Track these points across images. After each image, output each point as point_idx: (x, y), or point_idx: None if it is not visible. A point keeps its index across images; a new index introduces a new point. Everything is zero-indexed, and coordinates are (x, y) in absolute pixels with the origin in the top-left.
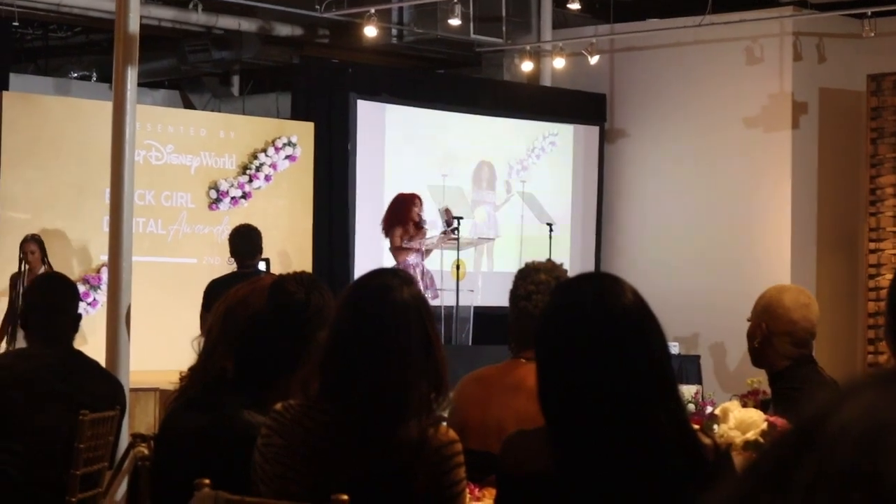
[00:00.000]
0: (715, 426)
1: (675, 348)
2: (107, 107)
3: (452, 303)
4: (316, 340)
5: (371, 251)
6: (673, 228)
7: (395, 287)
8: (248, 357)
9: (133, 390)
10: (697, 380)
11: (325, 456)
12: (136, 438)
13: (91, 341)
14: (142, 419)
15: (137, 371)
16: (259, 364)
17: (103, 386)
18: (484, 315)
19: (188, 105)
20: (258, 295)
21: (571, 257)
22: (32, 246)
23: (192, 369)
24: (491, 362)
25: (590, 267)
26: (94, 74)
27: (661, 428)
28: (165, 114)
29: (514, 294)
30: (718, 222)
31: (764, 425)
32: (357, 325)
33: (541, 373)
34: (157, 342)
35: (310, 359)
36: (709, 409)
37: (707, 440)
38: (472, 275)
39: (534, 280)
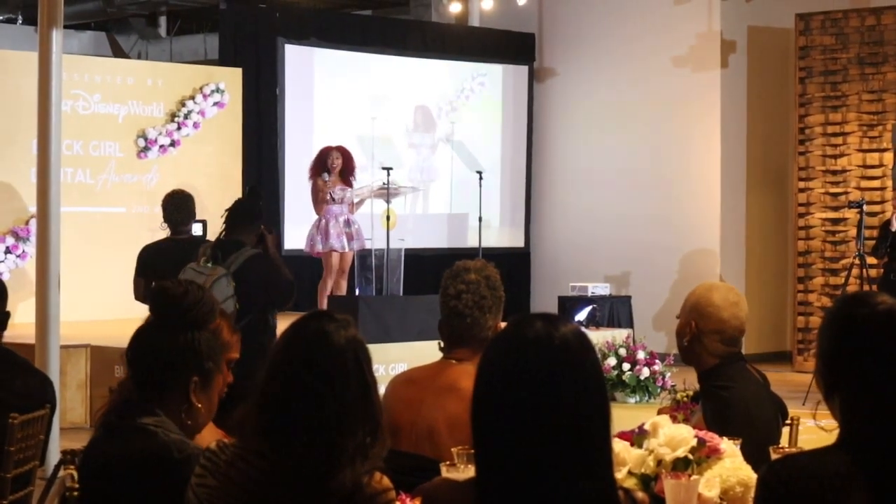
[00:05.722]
0: (645, 442)
1: (606, 289)
2: (33, 57)
3: (383, 253)
4: (206, 336)
5: (301, 198)
6: (602, 168)
7: (331, 332)
8: (140, 366)
9: (64, 347)
10: (629, 322)
11: (259, 500)
12: (66, 455)
13: (21, 294)
14: (73, 376)
15: (67, 322)
16: (149, 370)
17: (32, 384)
18: (416, 258)
19: (115, 47)
20: None
21: (502, 201)
22: None
23: (110, 392)
24: (422, 315)
25: (520, 211)
26: (20, 17)
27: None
28: (93, 63)
29: (444, 293)
30: (648, 162)
31: (694, 442)
32: (293, 370)
33: (476, 407)
34: (87, 292)
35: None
36: (640, 354)
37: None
38: (403, 217)
39: (464, 280)
